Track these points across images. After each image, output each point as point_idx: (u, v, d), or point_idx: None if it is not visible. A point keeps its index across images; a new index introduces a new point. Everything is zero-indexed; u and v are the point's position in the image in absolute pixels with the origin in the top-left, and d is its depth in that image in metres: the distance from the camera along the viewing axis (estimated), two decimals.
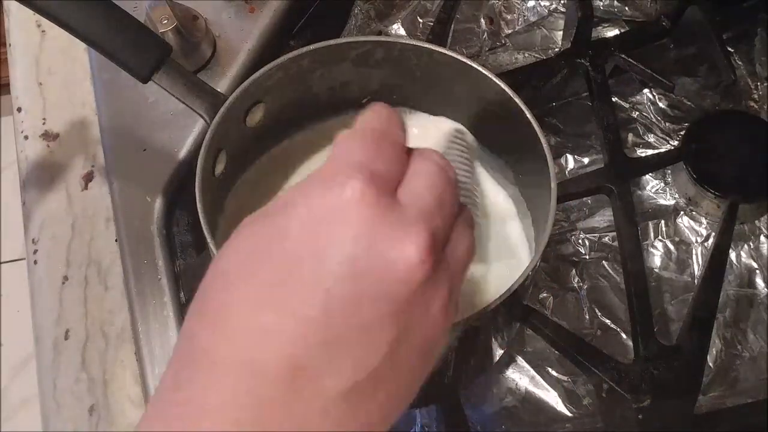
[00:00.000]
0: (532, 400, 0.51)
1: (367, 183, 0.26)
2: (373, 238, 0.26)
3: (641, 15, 0.64)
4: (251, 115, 0.46)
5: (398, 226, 0.26)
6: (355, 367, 0.26)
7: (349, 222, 0.26)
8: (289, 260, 0.26)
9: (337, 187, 0.26)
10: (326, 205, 0.26)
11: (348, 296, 0.26)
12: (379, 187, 0.27)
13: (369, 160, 0.28)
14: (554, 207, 0.41)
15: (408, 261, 0.26)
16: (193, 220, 0.54)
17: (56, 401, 0.49)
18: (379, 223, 0.26)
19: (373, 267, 0.26)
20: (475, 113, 0.48)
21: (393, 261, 0.26)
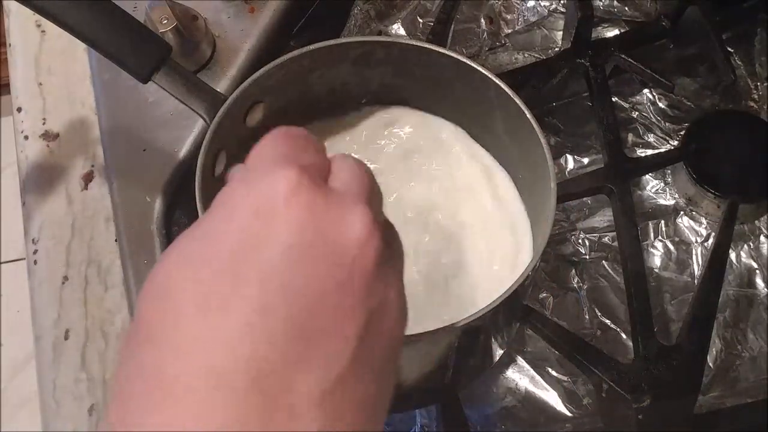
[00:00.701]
0: (532, 400, 0.51)
1: (299, 172, 0.25)
2: (318, 223, 0.25)
3: (641, 15, 0.64)
4: (251, 115, 0.46)
5: (339, 208, 0.25)
6: (326, 368, 0.24)
7: (291, 211, 0.25)
8: (232, 259, 0.24)
9: (269, 179, 0.25)
10: (262, 198, 0.25)
11: (306, 283, 0.24)
12: (311, 174, 0.26)
13: (294, 153, 0.27)
14: (554, 207, 0.41)
15: (357, 239, 0.25)
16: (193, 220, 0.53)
17: (56, 401, 0.49)
18: (321, 209, 0.25)
19: (324, 251, 0.25)
20: (475, 113, 0.48)
21: (342, 242, 0.25)
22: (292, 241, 0.24)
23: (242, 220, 0.25)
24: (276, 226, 0.24)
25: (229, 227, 0.25)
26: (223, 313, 0.23)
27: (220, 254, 0.24)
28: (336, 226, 0.25)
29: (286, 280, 0.24)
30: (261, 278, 0.24)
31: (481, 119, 0.48)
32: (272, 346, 0.23)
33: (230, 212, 0.25)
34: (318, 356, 0.24)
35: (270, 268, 0.24)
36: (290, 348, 0.23)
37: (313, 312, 0.24)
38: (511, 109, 0.44)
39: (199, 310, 0.23)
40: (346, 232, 0.25)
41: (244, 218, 0.25)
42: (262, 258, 0.24)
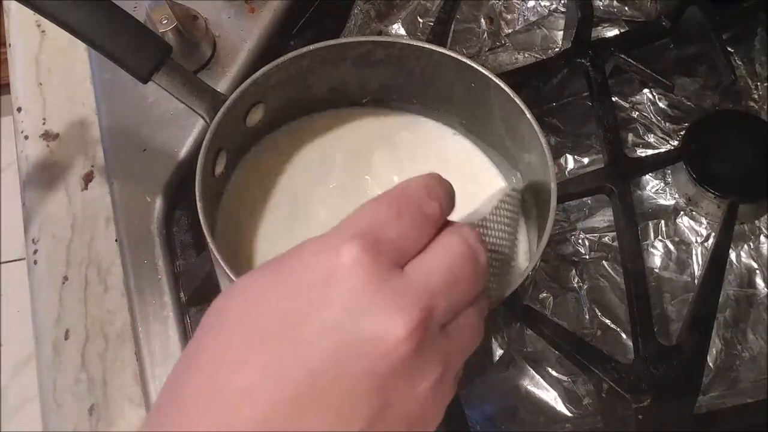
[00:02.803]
0: (532, 400, 0.51)
1: (365, 249, 0.25)
2: (360, 308, 0.25)
3: (641, 15, 0.64)
4: (251, 115, 0.46)
5: (390, 297, 0.25)
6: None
7: (340, 288, 0.25)
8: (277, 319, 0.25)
9: (333, 250, 0.25)
10: (320, 268, 0.25)
11: (328, 366, 0.25)
12: (380, 255, 0.25)
13: (378, 226, 0.26)
14: (554, 207, 0.41)
15: (391, 336, 0.25)
16: (193, 220, 0.54)
17: (56, 401, 0.49)
18: (370, 293, 0.25)
19: (356, 339, 0.25)
20: (475, 113, 0.48)
21: (376, 335, 0.25)
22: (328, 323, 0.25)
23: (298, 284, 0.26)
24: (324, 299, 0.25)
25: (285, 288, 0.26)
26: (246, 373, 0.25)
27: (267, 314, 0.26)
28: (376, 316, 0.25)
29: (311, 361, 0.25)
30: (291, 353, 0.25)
31: (481, 119, 0.48)
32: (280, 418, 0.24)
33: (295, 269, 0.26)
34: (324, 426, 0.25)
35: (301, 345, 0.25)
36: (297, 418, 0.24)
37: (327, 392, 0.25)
38: (511, 109, 0.44)
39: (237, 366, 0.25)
40: (383, 327, 0.25)
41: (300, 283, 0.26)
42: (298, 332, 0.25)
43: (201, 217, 0.40)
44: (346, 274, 0.25)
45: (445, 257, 0.27)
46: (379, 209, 0.27)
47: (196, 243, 0.53)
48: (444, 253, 0.27)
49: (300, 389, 0.24)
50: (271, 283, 0.26)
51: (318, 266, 0.26)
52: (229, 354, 0.26)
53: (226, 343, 0.26)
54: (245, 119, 0.46)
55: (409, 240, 0.27)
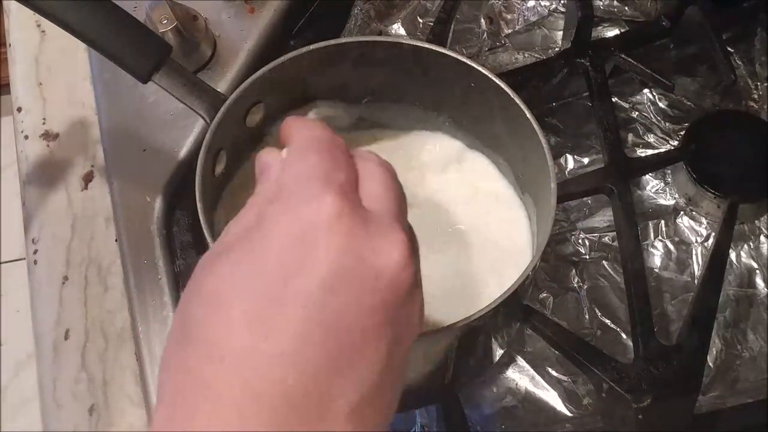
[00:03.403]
0: (532, 400, 0.51)
1: (340, 196, 0.27)
2: (358, 249, 0.26)
3: (641, 15, 0.64)
4: (251, 115, 0.46)
5: (377, 233, 0.27)
6: (359, 384, 0.25)
7: (333, 236, 0.26)
8: (277, 279, 0.26)
9: (313, 203, 0.26)
10: (305, 221, 0.26)
11: (344, 309, 0.25)
12: (350, 198, 0.27)
13: (331, 171, 0.28)
14: (554, 207, 0.41)
15: (396, 266, 0.26)
16: (193, 220, 0.54)
17: (56, 401, 0.49)
18: (360, 234, 0.26)
19: (363, 276, 0.26)
20: (475, 113, 0.48)
21: (381, 268, 0.26)
22: (332, 269, 0.26)
23: (285, 242, 0.26)
24: (318, 252, 0.26)
25: (271, 247, 0.26)
26: (263, 336, 0.25)
27: (265, 275, 0.26)
28: (375, 253, 0.26)
29: (323, 307, 0.25)
30: (301, 305, 0.25)
31: (481, 119, 0.48)
32: (305, 373, 0.25)
33: (272, 230, 0.27)
34: (350, 377, 0.25)
35: (309, 296, 0.25)
36: (323, 372, 0.25)
37: (347, 335, 0.25)
38: (511, 109, 0.44)
39: (244, 327, 0.25)
40: (385, 259, 0.26)
41: (287, 241, 0.26)
42: (302, 285, 0.25)
43: (201, 217, 0.40)
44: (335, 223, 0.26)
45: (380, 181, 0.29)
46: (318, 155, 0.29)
47: (196, 243, 0.53)
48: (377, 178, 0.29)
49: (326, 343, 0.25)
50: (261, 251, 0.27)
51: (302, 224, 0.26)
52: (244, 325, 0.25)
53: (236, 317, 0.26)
54: (245, 119, 0.46)
55: (351, 176, 0.29)
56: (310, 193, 0.27)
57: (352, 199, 0.27)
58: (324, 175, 0.28)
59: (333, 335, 0.25)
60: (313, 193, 0.27)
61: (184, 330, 0.27)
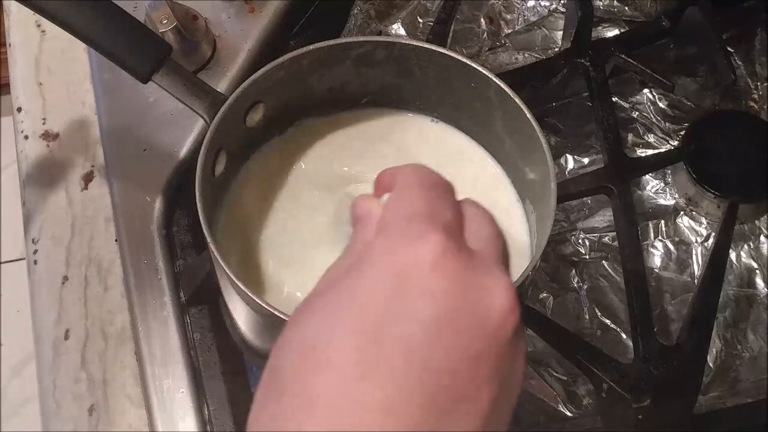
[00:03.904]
0: (532, 400, 0.51)
1: (446, 235, 0.25)
2: (463, 291, 0.25)
3: (641, 15, 0.64)
4: (251, 115, 0.46)
5: (483, 276, 0.25)
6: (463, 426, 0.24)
7: (437, 281, 0.25)
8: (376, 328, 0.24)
9: (418, 243, 0.25)
10: (407, 261, 0.25)
11: (447, 354, 0.24)
12: (456, 238, 0.26)
13: (437, 210, 0.27)
14: (554, 207, 0.41)
15: (502, 308, 0.25)
16: (193, 220, 0.54)
17: (56, 401, 0.49)
18: (466, 276, 0.25)
19: (467, 324, 0.25)
20: (475, 113, 0.48)
21: (487, 311, 0.25)
22: (436, 314, 0.24)
23: (387, 284, 0.25)
24: (421, 296, 0.24)
25: (374, 290, 0.25)
26: (363, 384, 0.23)
27: (365, 320, 0.24)
28: (480, 297, 0.25)
29: (425, 353, 0.24)
30: (403, 352, 0.24)
31: (481, 119, 0.48)
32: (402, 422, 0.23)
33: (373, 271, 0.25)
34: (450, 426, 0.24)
35: (412, 342, 0.24)
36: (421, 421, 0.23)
37: (450, 383, 0.24)
38: (511, 109, 0.44)
39: (340, 375, 0.24)
40: (490, 304, 0.25)
41: (389, 283, 0.25)
42: (405, 331, 0.24)
43: (201, 217, 0.40)
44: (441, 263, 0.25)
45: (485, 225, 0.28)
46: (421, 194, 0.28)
47: (196, 243, 0.53)
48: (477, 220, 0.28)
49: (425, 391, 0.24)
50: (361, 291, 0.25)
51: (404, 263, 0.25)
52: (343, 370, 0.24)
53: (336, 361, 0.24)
54: (245, 119, 0.46)
55: (456, 216, 0.28)
56: (414, 232, 0.25)
57: (458, 239, 0.26)
58: (429, 214, 0.26)
59: (434, 382, 0.24)
60: (416, 232, 0.25)
61: (274, 382, 0.25)
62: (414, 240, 0.25)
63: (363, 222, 0.29)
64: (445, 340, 0.24)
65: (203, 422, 0.48)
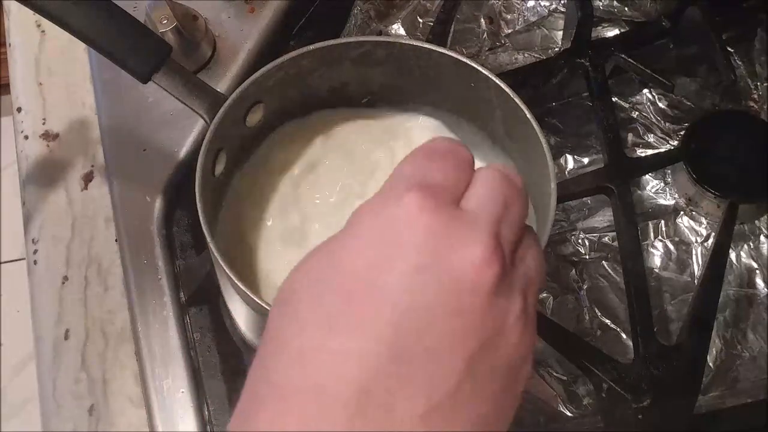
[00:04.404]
0: (532, 400, 0.51)
1: (423, 194, 0.26)
2: (435, 246, 0.25)
3: (641, 15, 0.64)
4: (251, 115, 0.46)
5: (460, 230, 0.25)
6: (430, 389, 0.24)
7: (410, 233, 0.25)
8: (353, 280, 0.25)
9: (392, 201, 0.26)
10: (385, 221, 0.26)
11: (417, 311, 0.24)
12: (438, 197, 0.26)
13: (423, 173, 0.27)
14: (554, 207, 0.41)
15: (474, 262, 0.25)
16: (193, 220, 0.54)
17: (56, 401, 0.49)
18: (441, 231, 0.25)
19: (439, 275, 0.25)
20: (476, 113, 0.48)
21: (459, 265, 0.25)
22: (408, 268, 0.25)
23: (366, 242, 0.26)
24: (396, 251, 0.25)
25: (353, 248, 0.26)
26: (335, 335, 0.24)
27: (341, 275, 0.25)
28: (453, 251, 0.25)
29: (399, 308, 0.24)
30: (376, 305, 0.24)
31: (481, 119, 0.48)
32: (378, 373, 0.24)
33: (358, 232, 0.26)
34: (421, 380, 0.24)
35: (385, 295, 0.25)
36: (394, 373, 0.24)
37: (422, 337, 0.24)
38: (511, 109, 0.44)
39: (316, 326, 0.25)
40: (463, 257, 0.25)
41: (368, 241, 0.26)
42: (378, 284, 0.25)
43: (201, 217, 0.40)
44: (414, 219, 0.25)
45: (490, 186, 0.28)
46: (418, 161, 0.28)
47: (196, 243, 0.53)
48: (487, 184, 0.28)
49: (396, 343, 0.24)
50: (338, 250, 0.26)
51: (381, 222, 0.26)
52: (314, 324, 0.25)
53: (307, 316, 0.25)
54: (245, 119, 0.46)
55: (455, 180, 0.28)
56: (395, 192, 0.26)
57: (439, 196, 0.26)
58: (417, 177, 0.27)
59: (405, 337, 0.24)
60: (397, 192, 0.26)
61: (265, 334, 0.27)
62: (391, 200, 0.26)
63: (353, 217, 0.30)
64: (416, 294, 0.24)
65: (203, 422, 0.48)
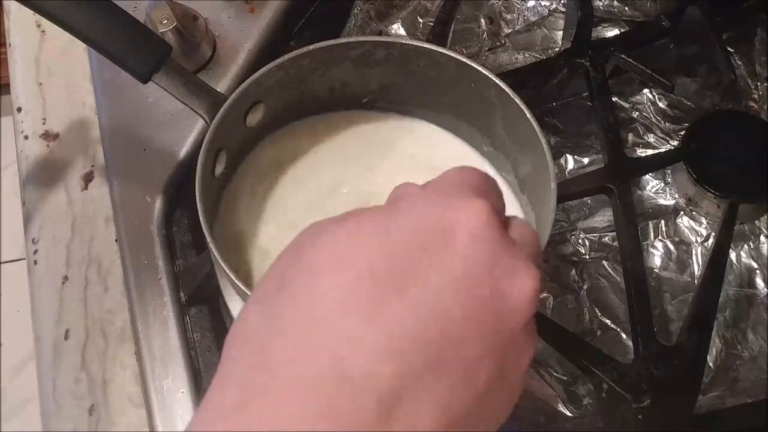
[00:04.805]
0: (532, 400, 0.51)
1: (492, 209, 0.25)
2: (493, 266, 0.24)
3: (641, 15, 0.64)
4: (251, 115, 0.46)
5: (516, 259, 0.25)
6: (451, 400, 0.23)
7: (474, 244, 0.24)
8: (396, 263, 0.23)
9: (463, 206, 0.25)
10: (451, 219, 0.24)
11: (460, 320, 0.23)
12: (499, 216, 0.26)
13: (486, 190, 0.27)
14: (554, 207, 0.41)
15: (525, 295, 0.25)
16: (193, 220, 0.54)
17: (56, 401, 0.49)
18: (500, 253, 0.24)
19: (489, 297, 0.24)
20: (475, 113, 0.48)
21: (510, 292, 0.24)
22: (463, 273, 0.24)
23: (422, 229, 0.24)
24: (454, 252, 0.24)
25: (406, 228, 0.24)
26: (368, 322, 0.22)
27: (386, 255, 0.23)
28: (508, 276, 0.24)
29: (442, 309, 0.23)
30: (419, 300, 0.23)
31: (481, 119, 0.48)
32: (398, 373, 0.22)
33: (413, 213, 0.25)
34: (440, 394, 0.23)
35: (431, 291, 0.23)
36: (421, 377, 0.22)
37: (452, 350, 0.23)
38: (511, 109, 0.44)
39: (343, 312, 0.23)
40: (516, 287, 0.25)
41: (425, 229, 0.24)
42: (427, 277, 0.23)
43: (201, 217, 0.40)
44: (481, 229, 0.24)
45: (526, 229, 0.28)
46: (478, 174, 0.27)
47: (196, 243, 0.53)
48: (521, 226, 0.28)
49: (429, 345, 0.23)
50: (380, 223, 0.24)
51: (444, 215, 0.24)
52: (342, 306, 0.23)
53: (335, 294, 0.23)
54: (245, 119, 0.46)
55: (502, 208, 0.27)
56: (461, 196, 0.25)
57: (501, 219, 0.26)
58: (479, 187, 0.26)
59: (440, 345, 0.23)
60: (464, 197, 0.25)
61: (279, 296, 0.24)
62: (460, 202, 0.25)
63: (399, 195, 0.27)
64: (463, 305, 0.23)
65: None
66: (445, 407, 0.23)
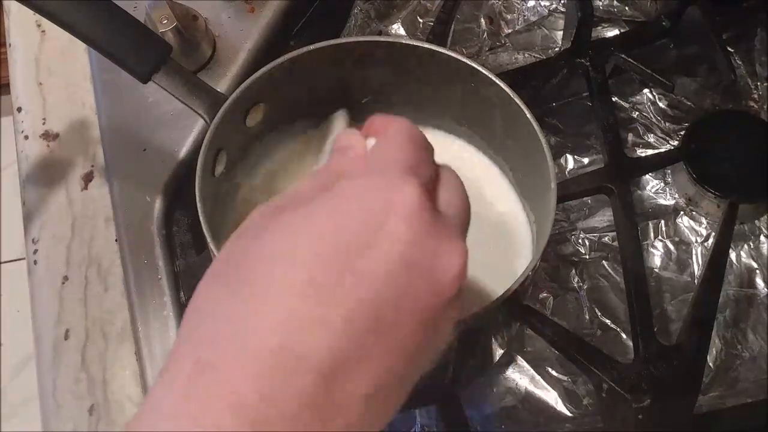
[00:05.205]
0: (532, 400, 0.51)
1: (422, 191, 0.27)
2: (424, 247, 0.26)
3: (641, 15, 0.64)
4: (251, 115, 0.46)
5: (444, 239, 0.27)
6: (384, 369, 0.25)
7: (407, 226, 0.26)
8: (343, 250, 0.25)
9: (397, 189, 0.27)
10: (385, 203, 0.26)
11: (397, 299, 0.26)
12: (428, 197, 0.27)
13: (420, 166, 0.29)
14: (554, 207, 0.41)
15: (451, 274, 0.27)
16: (193, 220, 0.54)
17: (56, 401, 0.49)
18: (432, 233, 0.27)
19: (421, 274, 0.26)
20: (475, 113, 0.48)
21: (441, 271, 0.27)
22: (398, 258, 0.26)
23: (360, 214, 0.26)
24: (390, 237, 0.26)
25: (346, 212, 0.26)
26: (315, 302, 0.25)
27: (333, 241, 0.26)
28: (437, 257, 0.27)
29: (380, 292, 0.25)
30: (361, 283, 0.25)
31: (481, 119, 0.48)
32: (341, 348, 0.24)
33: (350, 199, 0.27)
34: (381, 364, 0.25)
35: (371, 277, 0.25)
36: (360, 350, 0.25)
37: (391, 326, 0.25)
38: (511, 109, 0.44)
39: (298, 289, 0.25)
40: (445, 265, 0.27)
41: (362, 215, 0.26)
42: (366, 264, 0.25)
43: (201, 217, 0.40)
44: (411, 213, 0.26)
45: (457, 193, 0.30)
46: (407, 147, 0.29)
47: (196, 243, 0.53)
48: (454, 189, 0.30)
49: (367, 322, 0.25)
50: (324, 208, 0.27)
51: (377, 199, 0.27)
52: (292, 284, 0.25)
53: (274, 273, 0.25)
54: (245, 119, 0.46)
55: (433, 176, 0.30)
56: (396, 178, 0.27)
57: (431, 198, 0.28)
58: (412, 167, 0.28)
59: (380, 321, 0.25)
60: (398, 179, 0.27)
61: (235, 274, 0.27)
62: (394, 185, 0.27)
63: (342, 152, 0.31)
64: (399, 287, 0.26)
65: None
66: (380, 376, 0.25)
